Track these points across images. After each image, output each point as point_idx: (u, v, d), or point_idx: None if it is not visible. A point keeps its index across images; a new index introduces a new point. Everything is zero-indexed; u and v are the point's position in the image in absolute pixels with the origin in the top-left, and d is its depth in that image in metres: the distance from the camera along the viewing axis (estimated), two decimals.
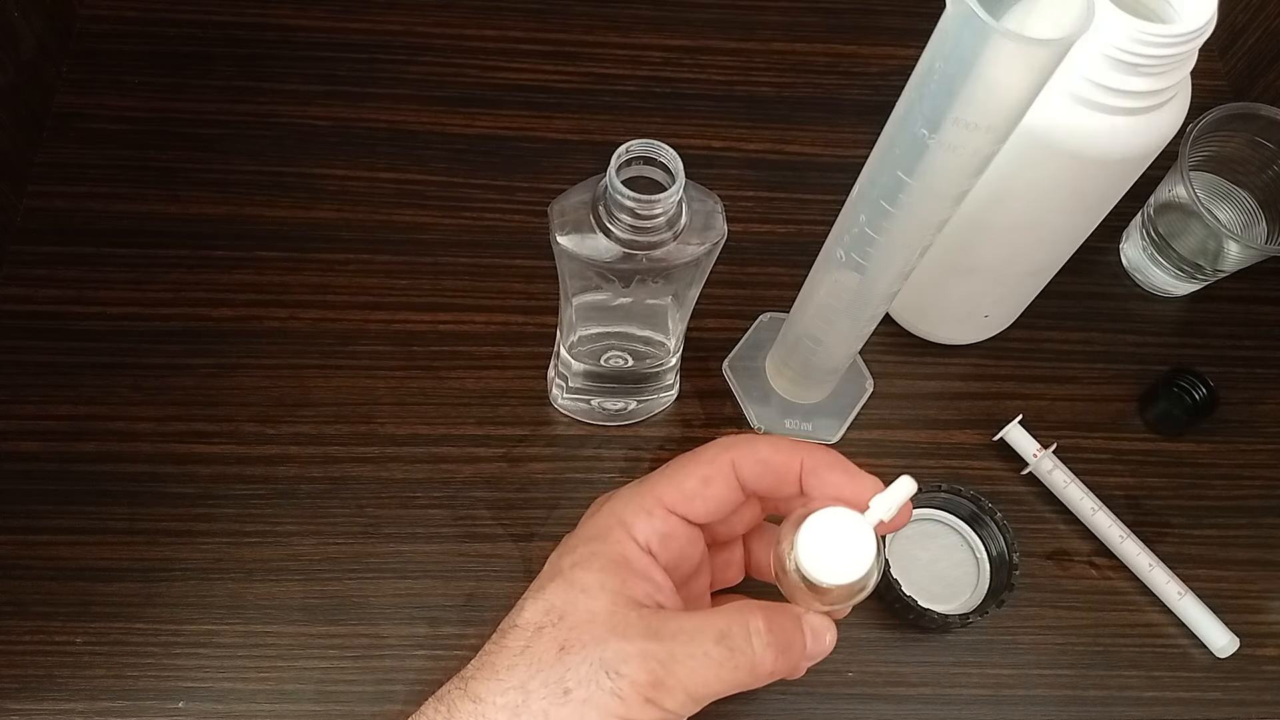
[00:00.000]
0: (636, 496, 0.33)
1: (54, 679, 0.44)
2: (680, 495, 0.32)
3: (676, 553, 0.33)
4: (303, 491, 0.49)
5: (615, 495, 0.34)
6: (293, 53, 0.59)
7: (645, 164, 0.37)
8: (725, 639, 0.29)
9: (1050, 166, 0.41)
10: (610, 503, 0.34)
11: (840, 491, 0.32)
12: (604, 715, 0.28)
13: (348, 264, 0.54)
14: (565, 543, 0.34)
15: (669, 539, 0.32)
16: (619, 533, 0.32)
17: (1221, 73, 0.64)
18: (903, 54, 0.62)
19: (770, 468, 0.33)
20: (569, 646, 0.29)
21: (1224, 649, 0.48)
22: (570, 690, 0.28)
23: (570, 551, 0.32)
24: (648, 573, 0.31)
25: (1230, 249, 0.54)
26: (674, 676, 0.28)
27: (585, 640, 0.29)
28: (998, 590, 0.47)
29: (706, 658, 0.29)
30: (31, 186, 0.54)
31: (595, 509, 0.35)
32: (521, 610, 0.31)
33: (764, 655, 0.30)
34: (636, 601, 0.30)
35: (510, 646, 0.30)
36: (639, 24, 0.62)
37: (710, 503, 0.32)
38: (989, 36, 0.28)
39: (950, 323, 0.54)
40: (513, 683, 0.29)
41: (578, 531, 0.34)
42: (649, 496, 0.32)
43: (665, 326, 0.46)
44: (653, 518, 0.32)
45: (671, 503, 0.32)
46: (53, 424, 0.49)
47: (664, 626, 0.29)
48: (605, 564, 0.31)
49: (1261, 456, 0.54)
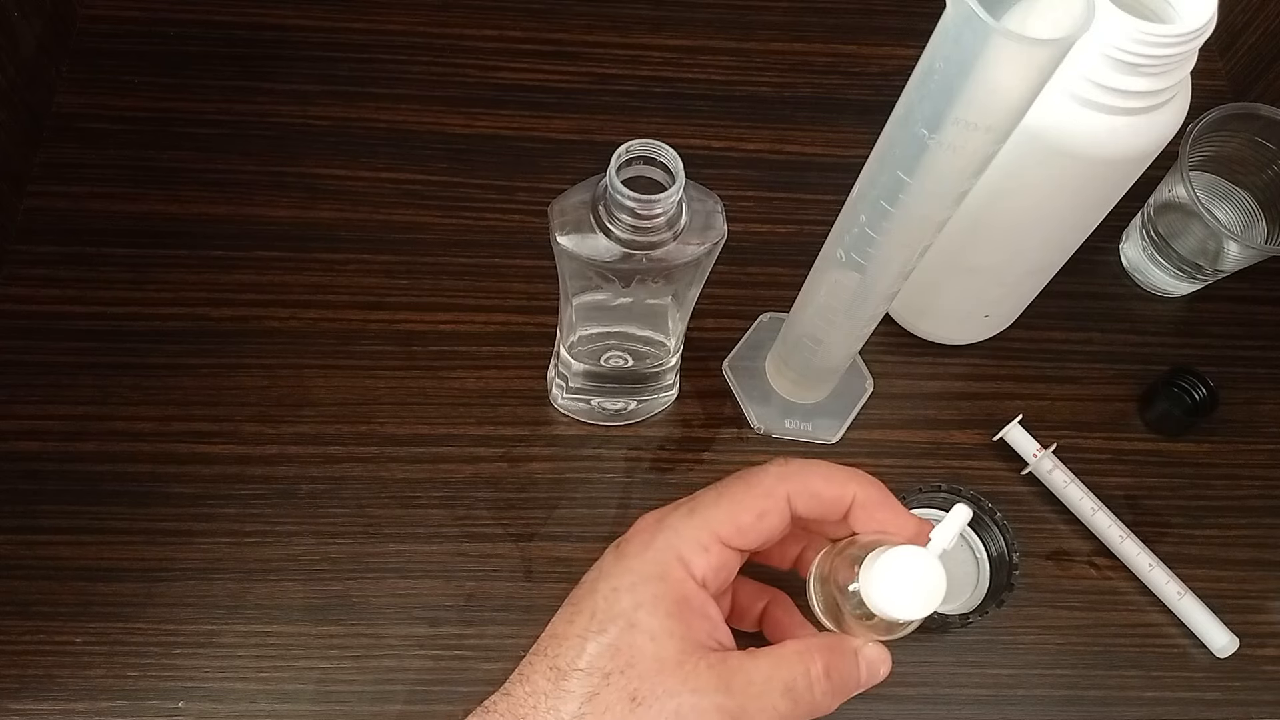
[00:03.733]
0: (691, 529, 0.33)
1: (54, 679, 0.44)
2: (735, 529, 0.32)
3: (724, 582, 0.33)
4: (303, 491, 0.49)
5: (666, 523, 0.33)
6: (293, 53, 0.59)
7: (645, 164, 0.37)
8: (791, 692, 0.30)
9: (1050, 166, 0.41)
10: (664, 534, 0.33)
11: (885, 527, 0.33)
12: None
13: (348, 264, 0.54)
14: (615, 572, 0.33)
15: (721, 571, 0.32)
16: (679, 570, 0.32)
17: (1221, 73, 0.64)
18: (903, 54, 0.62)
19: (822, 501, 0.33)
20: (641, 698, 0.29)
21: (1224, 649, 0.48)
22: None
23: (629, 590, 0.32)
24: (705, 610, 0.32)
25: (1230, 249, 0.54)
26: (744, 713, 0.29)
27: (658, 692, 0.29)
28: (998, 590, 0.47)
29: (775, 711, 0.30)
30: (31, 186, 0.54)
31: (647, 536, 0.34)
32: (583, 653, 0.31)
33: (825, 701, 0.31)
34: (701, 644, 0.31)
35: (574, 691, 0.30)
36: (639, 24, 0.62)
37: (763, 535, 0.33)
38: (989, 36, 0.28)
39: (950, 323, 0.54)
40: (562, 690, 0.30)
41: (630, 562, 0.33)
42: (705, 531, 0.32)
43: (665, 326, 0.46)
44: (709, 554, 0.32)
45: (727, 536, 0.32)
46: (53, 424, 0.49)
47: (733, 679, 0.30)
48: (670, 607, 0.31)
49: (1261, 456, 0.54)
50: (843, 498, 0.33)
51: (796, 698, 0.30)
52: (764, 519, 0.32)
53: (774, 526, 0.33)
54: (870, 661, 0.33)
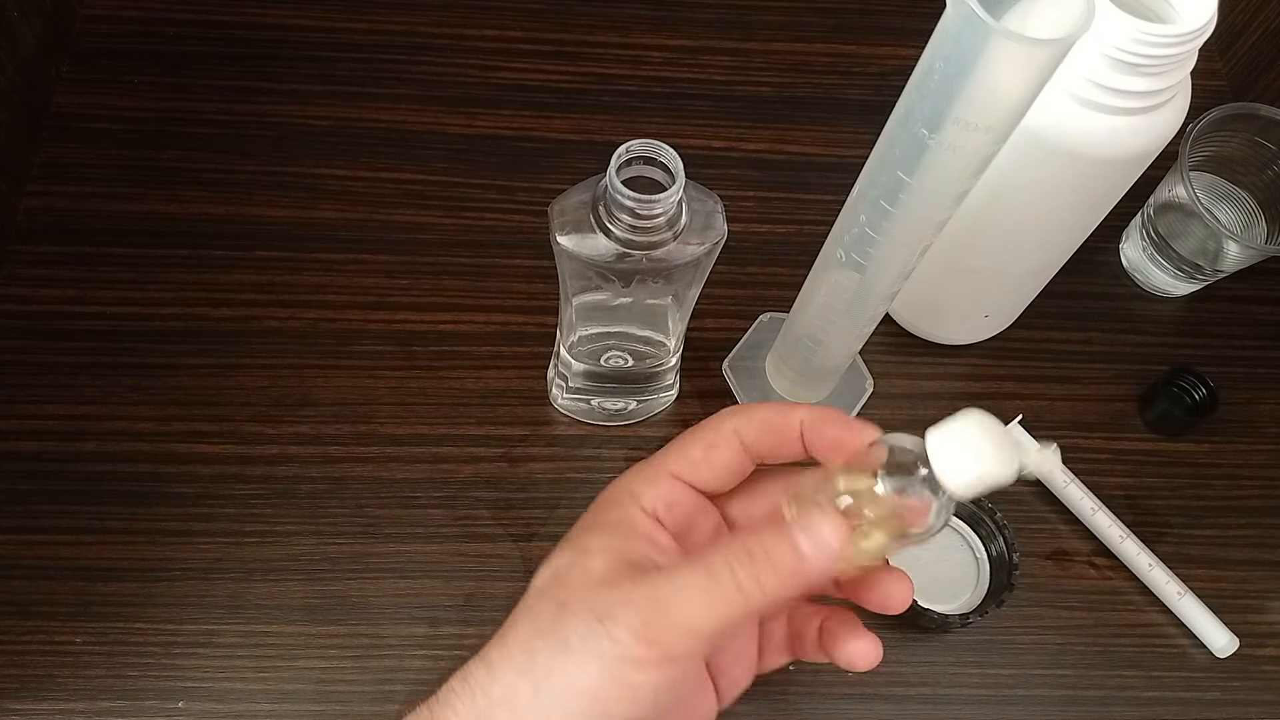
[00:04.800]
0: (645, 467, 0.34)
1: (54, 679, 0.44)
2: (686, 463, 0.33)
3: (683, 519, 0.34)
4: (303, 491, 0.49)
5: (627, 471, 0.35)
6: (293, 53, 0.59)
7: (645, 164, 0.37)
8: (707, 568, 0.29)
9: (1050, 166, 0.41)
10: (621, 477, 0.35)
11: (842, 444, 0.32)
12: (603, 661, 0.29)
13: (348, 264, 0.54)
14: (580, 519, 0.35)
15: (675, 505, 0.33)
16: (625, 499, 0.33)
17: (1221, 73, 0.64)
18: (903, 54, 0.62)
19: (771, 428, 0.33)
20: (567, 603, 0.30)
21: (1224, 649, 0.48)
22: (570, 644, 0.29)
23: (581, 521, 0.33)
24: (652, 536, 0.32)
25: (1230, 249, 0.54)
26: (663, 613, 0.29)
27: (582, 595, 0.30)
28: (998, 590, 0.47)
29: (691, 588, 0.29)
30: (31, 186, 0.54)
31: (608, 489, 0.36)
32: (539, 577, 0.32)
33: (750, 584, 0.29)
34: (634, 563, 0.31)
35: (518, 611, 0.31)
36: (639, 24, 0.62)
37: (715, 468, 0.33)
38: (989, 36, 0.28)
39: (950, 323, 0.54)
40: (519, 644, 0.30)
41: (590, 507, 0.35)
42: (656, 465, 0.33)
43: (665, 326, 0.46)
44: (659, 485, 0.33)
45: (678, 470, 0.33)
46: (53, 424, 0.49)
47: (654, 574, 0.30)
48: (609, 528, 0.32)
49: (1261, 456, 0.54)
50: (790, 422, 0.33)
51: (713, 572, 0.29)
52: (712, 449, 0.33)
53: (726, 459, 0.33)
54: (812, 531, 0.29)
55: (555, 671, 0.29)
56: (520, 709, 0.29)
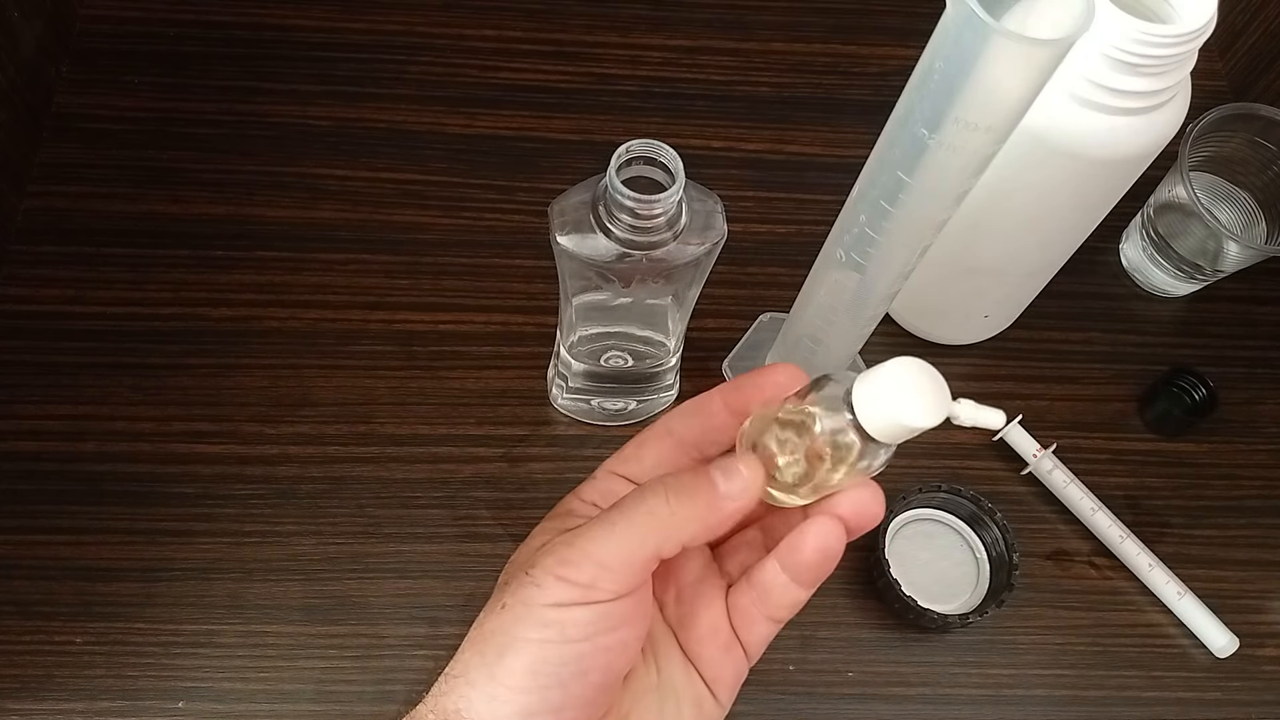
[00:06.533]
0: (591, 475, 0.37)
1: (54, 679, 0.44)
2: (619, 459, 0.36)
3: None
4: (303, 491, 0.49)
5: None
6: (293, 53, 0.59)
7: (645, 164, 0.37)
8: (621, 506, 0.31)
9: (1050, 166, 0.41)
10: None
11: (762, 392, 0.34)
12: (529, 608, 0.30)
13: (348, 264, 0.54)
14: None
15: (610, 495, 0.35)
16: (568, 497, 0.36)
17: (1221, 73, 0.64)
18: (903, 54, 0.62)
19: (696, 410, 0.35)
20: (507, 579, 0.32)
21: (1224, 649, 0.48)
22: (505, 603, 0.31)
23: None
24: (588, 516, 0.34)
25: (1230, 249, 0.54)
26: (581, 551, 0.30)
27: (518, 565, 0.32)
28: (998, 590, 0.47)
29: (604, 524, 0.31)
30: (31, 186, 0.54)
31: None
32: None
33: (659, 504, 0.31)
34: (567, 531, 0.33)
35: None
36: (639, 24, 0.62)
37: (643, 461, 0.35)
38: (989, 36, 0.28)
39: (950, 323, 0.54)
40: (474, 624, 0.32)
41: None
42: (599, 468, 0.36)
43: (665, 326, 0.46)
44: (597, 481, 0.35)
45: (612, 466, 0.36)
46: (53, 424, 0.49)
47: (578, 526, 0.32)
48: (552, 520, 0.34)
49: (1261, 456, 0.54)
50: (710, 403, 0.35)
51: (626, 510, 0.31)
52: (642, 445, 0.35)
53: (654, 451, 0.35)
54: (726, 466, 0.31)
55: (495, 634, 0.31)
56: (471, 675, 0.31)
